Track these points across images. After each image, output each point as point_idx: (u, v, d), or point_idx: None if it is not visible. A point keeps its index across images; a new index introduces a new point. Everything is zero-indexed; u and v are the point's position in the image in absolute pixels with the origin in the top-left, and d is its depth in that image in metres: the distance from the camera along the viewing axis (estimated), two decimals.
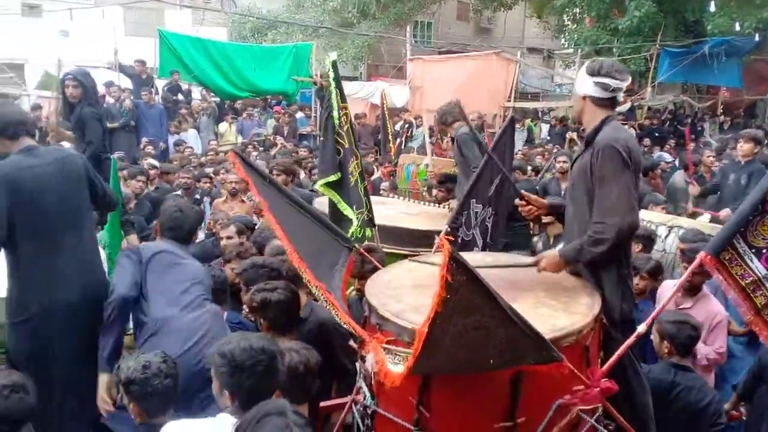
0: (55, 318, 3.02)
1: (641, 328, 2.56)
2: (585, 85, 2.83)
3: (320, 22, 20.82)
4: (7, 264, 3.02)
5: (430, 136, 12.85)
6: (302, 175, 8.25)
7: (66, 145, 5.33)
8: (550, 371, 2.19)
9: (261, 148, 11.12)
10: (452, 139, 5.41)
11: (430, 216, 4.63)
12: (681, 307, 3.83)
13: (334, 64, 3.40)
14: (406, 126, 12.31)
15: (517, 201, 3.12)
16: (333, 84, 3.39)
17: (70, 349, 3.05)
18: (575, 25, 20.46)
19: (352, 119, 3.50)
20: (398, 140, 9.14)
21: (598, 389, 2.43)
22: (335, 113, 3.38)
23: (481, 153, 4.08)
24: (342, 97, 3.44)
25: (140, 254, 3.11)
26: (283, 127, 13.10)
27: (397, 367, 2.29)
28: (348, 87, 11.02)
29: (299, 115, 14.54)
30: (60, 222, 3.04)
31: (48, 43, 17.35)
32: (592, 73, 2.79)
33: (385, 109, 8.92)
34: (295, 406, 2.01)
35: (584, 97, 2.85)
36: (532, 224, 5.40)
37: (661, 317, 3.19)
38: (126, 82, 13.01)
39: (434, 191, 6.31)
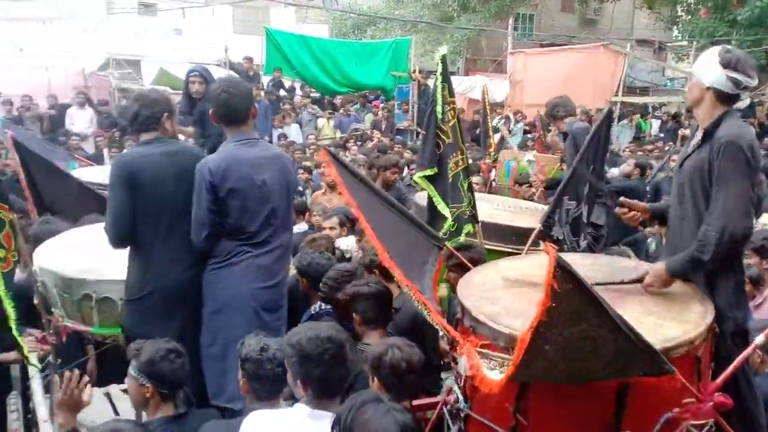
0: (169, 297, 3.16)
1: (759, 339, 2.36)
2: (713, 75, 2.56)
3: (419, 16, 20.81)
4: (129, 247, 3.20)
5: (529, 132, 12.59)
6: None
7: (183, 139, 5.61)
8: (660, 384, 2.07)
9: (359, 143, 11.30)
10: (564, 134, 5.22)
11: (532, 213, 4.50)
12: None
13: (443, 59, 3.37)
14: (505, 121, 12.07)
15: (618, 210, 2.94)
16: (440, 78, 3.35)
17: (177, 328, 3.16)
18: (689, 16, 19.26)
19: (459, 115, 3.47)
20: (498, 136, 8.97)
21: (711, 404, 2.26)
22: (438, 108, 3.35)
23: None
24: (450, 92, 3.40)
25: None
26: (381, 121, 13.22)
27: (492, 373, 2.23)
28: None
29: (397, 110, 14.63)
30: (173, 210, 3.16)
31: (162, 41, 18.45)
32: (727, 65, 2.52)
33: (487, 104, 8.79)
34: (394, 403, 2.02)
35: (708, 88, 2.59)
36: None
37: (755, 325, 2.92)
38: None
39: (516, 188, 6.24)
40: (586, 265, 2.89)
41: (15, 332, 3.58)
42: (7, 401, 3.74)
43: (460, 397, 2.48)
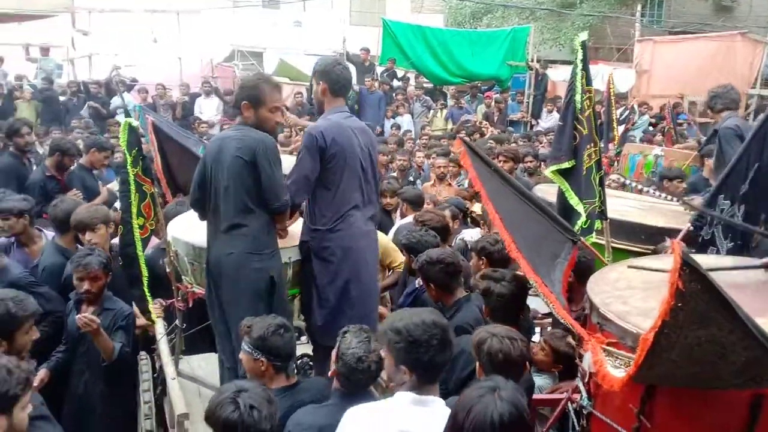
0: None
1: None
2: None
3: (539, 3, 20.17)
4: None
5: (655, 125, 11.88)
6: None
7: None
8: None
9: (470, 136, 11.13)
10: (714, 131, 4.86)
11: (662, 212, 4.22)
12: None
13: (583, 45, 3.21)
14: (629, 113, 11.45)
15: None
16: (580, 65, 3.20)
17: None
18: None
19: (595, 105, 3.30)
20: (621, 128, 8.52)
21: None
22: (577, 97, 3.20)
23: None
24: (587, 80, 3.24)
25: None
26: (493, 113, 12.99)
27: (617, 372, 2.16)
28: (567, 71, 10.55)
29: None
30: None
31: (283, 33, 19.14)
32: None
33: (612, 94, 8.39)
34: None
35: None
36: None
37: None
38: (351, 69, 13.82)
39: (665, 183, 5.83)
40: (723, 263, 2.69)
41: (147, 293, 3.93)
42: (138, 359, 4.05)
43: (584, 394, 2.41)
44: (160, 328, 4.02)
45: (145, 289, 3.94)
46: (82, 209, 4.23)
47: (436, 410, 2.24)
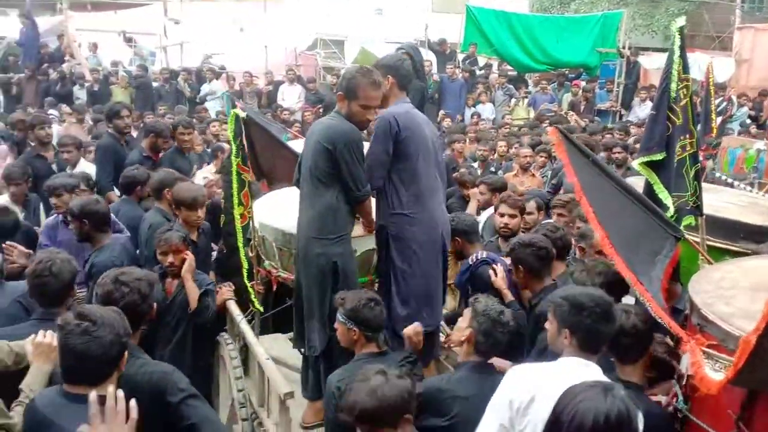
0: None
1: None
2: None
3: None
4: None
5: (756, 118, 11.15)
6: None
7: None
8: None
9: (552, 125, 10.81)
10: None
11: (764, 209, 3.93)
12: None
13: (681, 30, 3.02)
14: (726, 104, 10.80)
15: None
16: (677, 52, 3.02)
17: None
18: None
19: (692, 94, 3.10)
20: (719, 120, 8.04)
21: None
22: (673, 85, 3.02)
23: None
24: (685, 68, 3.06)
25: None
26: (580, 102, 12.56)
27: (716, 375, 2.07)
28: (660, 59, 10.07)
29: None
30: None
31: (365, 21, 19.22)
32: None
33: (711, 84, 7.90)
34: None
35: None
36: None
37: None
38: (431, 57, 13.74)
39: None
40: None
41: (246, 279, 4.05)
42: (219, 339, 4.19)
43: (680, 397, 2.31)
44: (237, 310, 4.12)
45: (245, 280, 4.05)
46: (185, 187, 4.47)
47: (598, 374, 2.29)
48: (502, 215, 4.55)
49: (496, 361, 2.85)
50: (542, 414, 2.03)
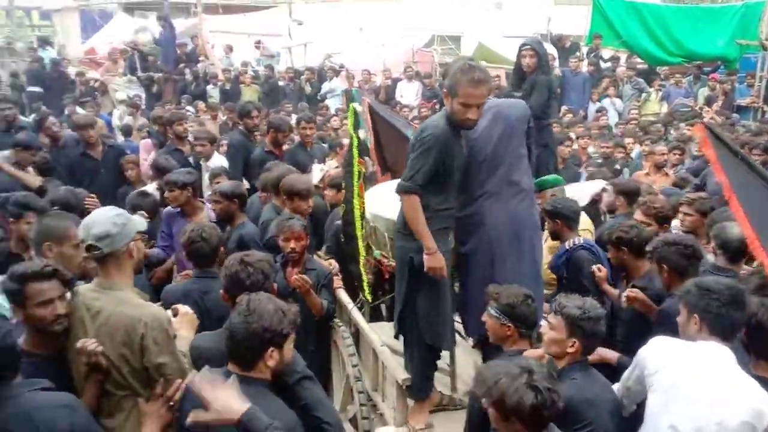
0: None
1: None
2: None
3: None
4: None
5: None
6: None
7: None
8: None
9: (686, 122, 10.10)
10: None
11: None
12: None
13: None
14: None
15: None
16: None
17: None
18: None
19: None
20: None
21: None
22: None
23: None
24: None
25: None
26: (717, 97, 11.63)
27: None
28: None
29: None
30: None
31: (483, 16, 18.98)
32: None
33: None
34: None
35: None
36: None
37: None
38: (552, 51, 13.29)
39: None
40: None
41: (362, 268, 4.13)
42: (332, 324, 4.25)
43: None
44: (347, 298, 4.24)
45: (361, 267, 4.13)
46: (294, 177, 4.65)
47: (731, 361, 2.38)
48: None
49: (601, 351, 2.98)
50: (664, 383, 2.35)
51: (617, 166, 7.61)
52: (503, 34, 16.56)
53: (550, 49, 13.24)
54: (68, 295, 2.61)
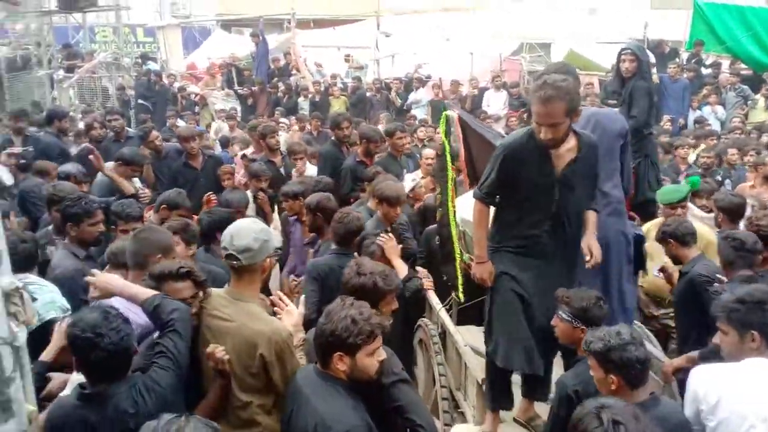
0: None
1: None
2: None
3: None
4: None
5: None
6: None
7: None
8: None
9: None
10: None
11: None
12: None
13: None
14: None
15: None
16: None
17: None
18: None
19: None
20: None
21: None
22: None
23: None
24: None
25: None
26: None
27: None
28: None
29: None
30: None
31: (573, 22, 18.50)
32: None
33: None
34: None
35: None
36: None
37: None
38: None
39: None
40: None
41: (458, 270, 4.17)
42: (420, 322, 4.34)
43: None
44: (435, 299, 4.32)
45: (457, 266, 4.18)
46: (387, 183, 4.73)
47: None
48: None
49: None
50: (731, 414, 2.20)
51: (718, 177, 7.22)
52: (596, 39, 16.11)
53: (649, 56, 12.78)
54: (201, 295, 2.78)
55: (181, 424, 1.81)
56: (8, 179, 6.22)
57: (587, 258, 3.22)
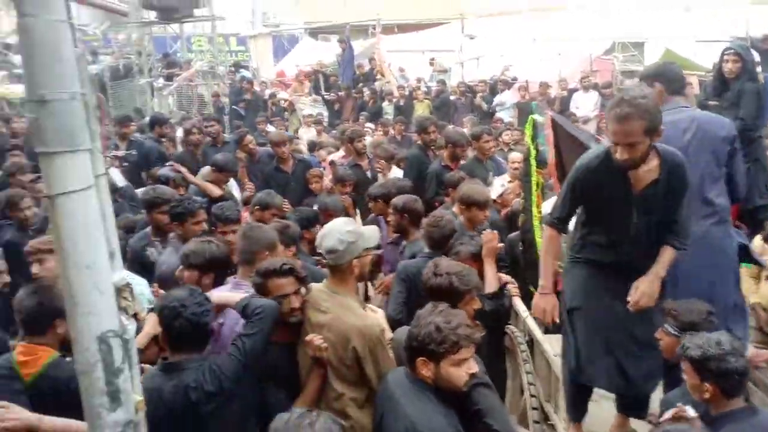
0: None
1: None
2: None
3: None
4: None
5: None
6: None
7: None
8: None
9: None
10: None
11: None
12: None
13: None
14: None
15: None
16: None
17: None
18: None
19: None
20: None
21: None
22: None
23: None
24: None
25: None
26: None
27: None
28: None
29: None
30: None
31: (669, 20, 17.69)
32: None
33: None
34: None
35: None
36: None
37: None
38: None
39: None
40: None
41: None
42: (507, 330, 4.24)
43: None
44: (523, 306, 4.20)
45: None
46: (473, 187, 4.71)
47: None
48: None
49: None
50: None
51: None
52: (694, 38, 15.34)
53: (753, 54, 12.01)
54: (303, 291, 2.93)
55: (312, 419, 1.91)
56: (120, 181, 6.64)
57: (628, 298, 3.00)
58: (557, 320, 3.26)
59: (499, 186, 5.70)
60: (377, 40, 16.17)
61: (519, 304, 4.26)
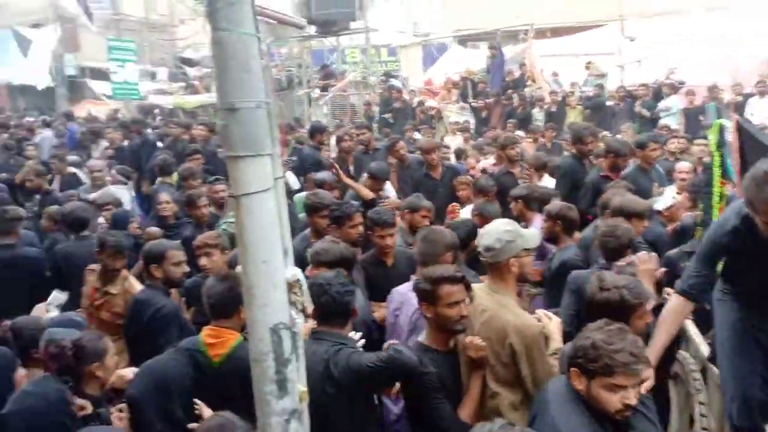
0: None
1: None
2: None
3: None
4: None
5: None
6: None
7: None
8: None
9: None
10: None
11: None
12: None
13: None
14: None
15: None
16: None
17: None
18: None
19: None
20: None
21: None
22: None
23: None
24: None
25: None
26: None
27: None
28: None
29: None
30: None
31: None
32: None
33: None
34: None
35: None
36: None
37: None
38: None
39: None
40: None
41: None
42: (678, 356, 3.90)
43: None
44: (695, 330, 3.91)
45: None
46: (630, 197, 4.46)
47: None
48: None
49: None
50: None
51: None
52: None
53: None
54: (467, 300, 2.94)
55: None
56: (294, 183, 7.08)
57: None
58: None
59: (669, 197, 5.28)
60: (529, 44, 15.79)
61: (690, 327, 3.93)
